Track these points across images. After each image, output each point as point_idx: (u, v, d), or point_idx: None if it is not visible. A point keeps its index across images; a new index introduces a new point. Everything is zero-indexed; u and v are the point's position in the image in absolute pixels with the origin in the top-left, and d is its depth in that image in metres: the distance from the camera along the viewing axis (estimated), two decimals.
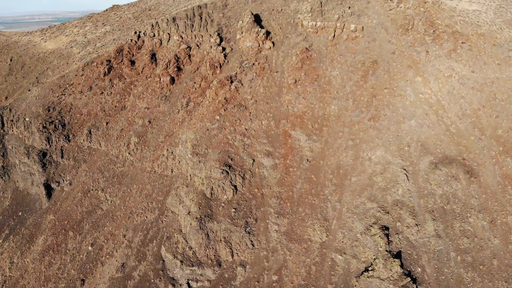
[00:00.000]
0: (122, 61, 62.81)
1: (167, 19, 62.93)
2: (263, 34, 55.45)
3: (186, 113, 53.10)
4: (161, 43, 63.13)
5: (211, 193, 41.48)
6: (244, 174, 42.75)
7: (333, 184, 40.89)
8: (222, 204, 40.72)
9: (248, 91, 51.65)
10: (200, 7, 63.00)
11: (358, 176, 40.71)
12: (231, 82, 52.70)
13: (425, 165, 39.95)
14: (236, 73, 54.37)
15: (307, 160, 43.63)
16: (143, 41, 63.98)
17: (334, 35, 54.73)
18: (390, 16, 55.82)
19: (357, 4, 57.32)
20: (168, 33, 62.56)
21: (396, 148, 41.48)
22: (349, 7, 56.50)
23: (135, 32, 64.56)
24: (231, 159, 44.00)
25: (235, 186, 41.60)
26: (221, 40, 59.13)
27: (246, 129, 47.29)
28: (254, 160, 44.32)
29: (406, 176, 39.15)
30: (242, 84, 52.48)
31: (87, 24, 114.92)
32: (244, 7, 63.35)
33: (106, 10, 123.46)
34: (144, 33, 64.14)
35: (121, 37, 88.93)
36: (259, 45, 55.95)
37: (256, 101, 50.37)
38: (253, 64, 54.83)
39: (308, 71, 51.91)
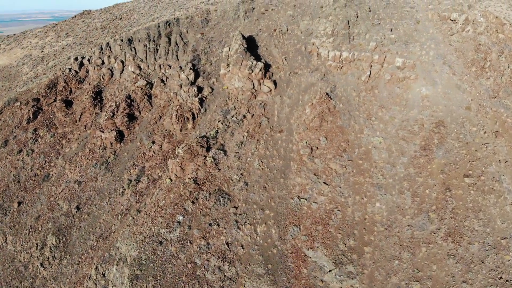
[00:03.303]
0: (55, 100, 43.13)
1: (121, 40, 43.31)
2: (260, 69, 35.95)
3: (134, 195, 33.37)
4: (112, 75, 43.43)
5: None
6: None
7: None
8: None
9: (234, 166, 32.03)
10: (169, 23, 43.35)
11: None
12: (208, 148, 33.06)
13: None
14: (217, 131, 34.76)
15: None
16: (87, 71, 44.27)
17: (369, 74, 35.30)
18: (454, 45, 36.45)
19: (401, 25, 37.89)
20: (122, 61, 42.91)
21: None
22: (391, 30, 37.12)
23: (76, 59, 44.86)
24: None
25: None
26: (197, 75, 39.52)
27: (228, 243, 27.64)
28: None
29: None
30: (225, 153, 32.85)
31: (49, 34, 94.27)
32: (233, 24, 43.73)
33: (75, 16, 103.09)
34: (88, 60, 44.44)
35: (81, 53, 69.30)
36: (253, 86, 36.45)
37: (247, 184, 30.77)
38: (244, 116, 35.31)
39: (330, 133, 32.43)
